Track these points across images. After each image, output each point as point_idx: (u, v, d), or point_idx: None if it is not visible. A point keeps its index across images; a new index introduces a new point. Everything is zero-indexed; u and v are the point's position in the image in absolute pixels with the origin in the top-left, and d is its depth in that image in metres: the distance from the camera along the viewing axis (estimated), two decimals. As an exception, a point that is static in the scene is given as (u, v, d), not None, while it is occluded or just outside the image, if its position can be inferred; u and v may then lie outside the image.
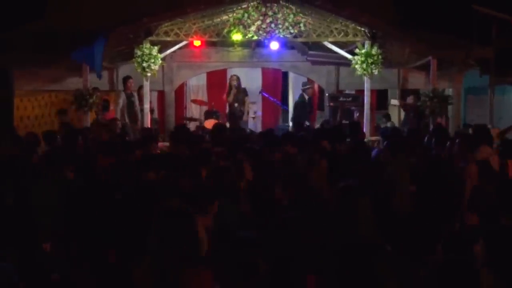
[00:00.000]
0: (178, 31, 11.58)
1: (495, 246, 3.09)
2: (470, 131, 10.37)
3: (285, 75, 15.46)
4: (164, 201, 4.23)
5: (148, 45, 11.47)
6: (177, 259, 3.11)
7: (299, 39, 11.96)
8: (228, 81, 13.49)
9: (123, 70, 12.85)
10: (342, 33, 11.66)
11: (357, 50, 11.67)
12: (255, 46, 13.45)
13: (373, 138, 11.50)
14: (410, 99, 12.29)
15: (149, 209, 3.78)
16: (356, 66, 11.67)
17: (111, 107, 12.66)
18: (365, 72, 11.64)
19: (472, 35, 11.43)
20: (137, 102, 12.16)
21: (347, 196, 3.77)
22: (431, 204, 5.83)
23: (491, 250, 3.08)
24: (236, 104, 13.03)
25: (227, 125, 11.91)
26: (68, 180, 5.76)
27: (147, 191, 4.83)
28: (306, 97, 13.14)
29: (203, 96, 15.13)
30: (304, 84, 13.41)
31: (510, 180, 6.13)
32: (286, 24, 11.36)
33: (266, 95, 14.43)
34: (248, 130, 11.23)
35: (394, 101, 13.95)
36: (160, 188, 4.98)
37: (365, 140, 8.96)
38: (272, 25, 11.31)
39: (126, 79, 12.16)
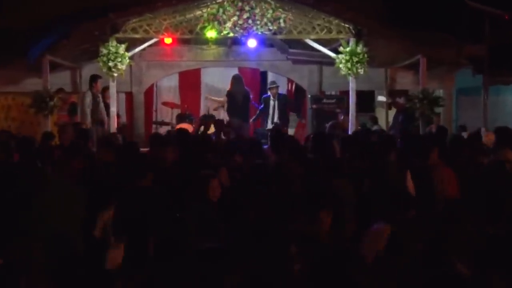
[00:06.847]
0: (147, 28, 11.33)
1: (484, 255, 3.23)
2: (465, 134, 10.17)
3: (263, 75, 15.25)
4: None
5: (114, 43, 11.16)
6: None
7: (279, 36, 11.76)
8: None
9: (88, 70, 12.42)
10: (325, 30, 11.43)
11: (341, 48, 11.39)
12: (231, 43, 13.22)
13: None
14: (401, 100, 11.99)
15: None
16: (340, 66, 11.41)
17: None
18: (350, 71, 11.36)
19: (464, 32, 11.14)
20: (102, 104, 11.53)
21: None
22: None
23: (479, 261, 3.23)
24: None
25: None
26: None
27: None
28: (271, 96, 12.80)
29: (175, 98, 14.96)
30: (271, 83, 13.15)
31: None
32: (265, 20, 11.12)
33: (254, 103, 13.78)
34: None
35: (381, 98, 13.84)
36: None
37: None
38: (250, 21, 11.08)
39: (95, 78, 11.47)
